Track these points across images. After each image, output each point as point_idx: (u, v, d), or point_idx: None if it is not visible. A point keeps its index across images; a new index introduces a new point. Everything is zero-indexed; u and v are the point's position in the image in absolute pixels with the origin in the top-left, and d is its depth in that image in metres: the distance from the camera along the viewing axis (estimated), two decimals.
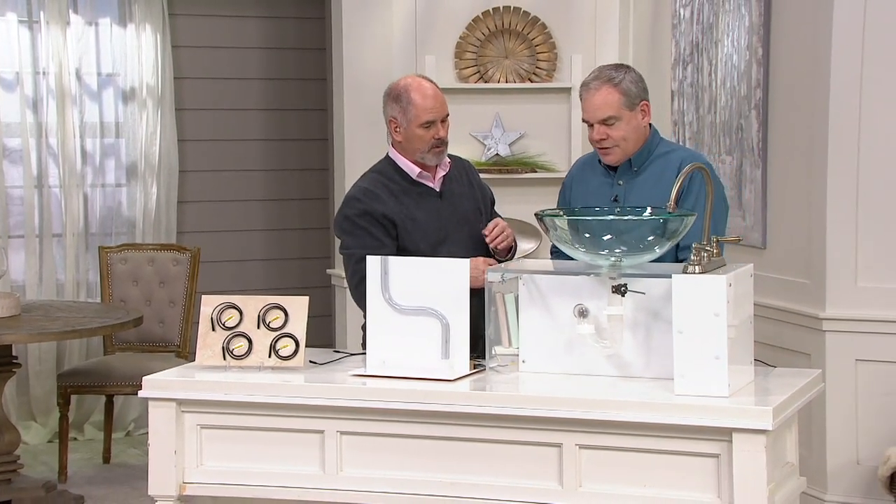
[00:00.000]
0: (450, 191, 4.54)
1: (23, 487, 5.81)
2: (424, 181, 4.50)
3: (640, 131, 4.31)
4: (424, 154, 4.46)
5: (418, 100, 4.41)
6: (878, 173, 5.25)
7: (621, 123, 4.26)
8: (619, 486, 3.60)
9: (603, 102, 4.25)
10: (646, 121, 4.32)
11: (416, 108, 4.41)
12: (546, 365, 3.87)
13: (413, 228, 4.43)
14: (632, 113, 4.27)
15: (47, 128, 7.30)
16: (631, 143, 4.29)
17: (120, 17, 7.41)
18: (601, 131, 4.27)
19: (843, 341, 5.30)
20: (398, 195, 4.45)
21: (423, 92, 4.43)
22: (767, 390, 3.70)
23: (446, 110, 4.47)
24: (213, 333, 4.03)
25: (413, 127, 4.42)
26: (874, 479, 5.20)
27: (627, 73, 4.30)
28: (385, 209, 4.42)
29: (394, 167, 4.51)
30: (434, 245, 4.41)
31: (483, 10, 6.87)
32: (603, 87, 4.26)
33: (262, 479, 3.90)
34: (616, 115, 4.25)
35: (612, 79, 4.27)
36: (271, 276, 7.90)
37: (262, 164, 7.88)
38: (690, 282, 3.57)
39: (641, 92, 4.31)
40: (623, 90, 4.25)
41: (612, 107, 4.25)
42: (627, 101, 4.26)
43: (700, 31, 6.17)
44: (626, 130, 4.27)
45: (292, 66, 7.88)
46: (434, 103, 4.42)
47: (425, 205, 4.48)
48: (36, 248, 7.30)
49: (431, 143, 4.44)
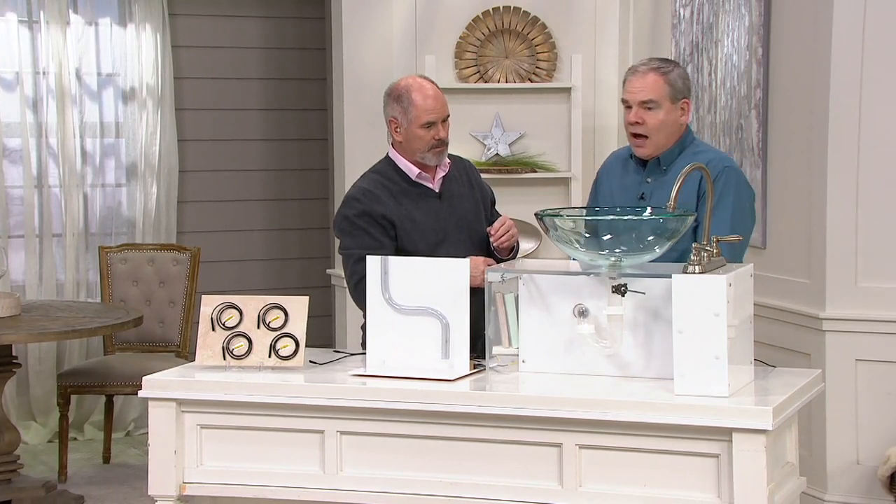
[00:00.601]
0: (449, 192, 4.54)
1: (23, 487, 5.81)
2: (423, 182, 4.50)
3: (675, 127, 4.29)
4: (424, 154, 4.46)
5: (419, 100, 4.41)
6: (878, 173, 5.26)
7: (660, 112, 4.25)
8: (619, 486, 3.60)
9: (647, 85, 4.25)
10: (683, 119, 4.31)
11: (416, 108, 4.41)
12: (546, 365, 3.87)
13: (412, 229, 4.43)
14: (672, 105, 4.26)
15: (47, 128, 7.30)
16: (664, 136, 4.27)
17: (120, 17, 7.41)
18: (638, 114, 4.26)
19: (843, 341, 5.31)
20: (397, 196, 4.45)
21: (423, 92, 4.43)
22: (767, 390, 3.70)
23: (447, 111, 4.47)
24: (213, 333, 4.03)
25: (414, 127, 4.42)
26: (874, 479, 5.20)
27: (676, 68, 4.32)
28: (384, 210, 4.42)
29: (393, 167, 4.51)
30: (433, 246, 4.41)
31: (483, 10, 6.87)
32: (650, 73, 4.27)
33: (262, 479, 3.90)
34: (657, 101, 4.24)
35: (660, 68, 4.28)
36: (271, 276, 7.90)
37: (262, 164, 7.88)
38: (690, 282, 3.57)
39: (685, 90, 4.30)
40: (669, 81, 4.25)
41: (655, 91, 4.24)
42: (671, 91, 4.25)
43: (700, 31, 6.17)
44: (662, 120, 4.25)
45: (292, 66, 7.88)
46: (435, 104, 4.42)
47: (424, 205, 4.48)
48: (36, 248, 7.30)
49: (432, 144, 4.43)
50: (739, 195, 4.23)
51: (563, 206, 6.26)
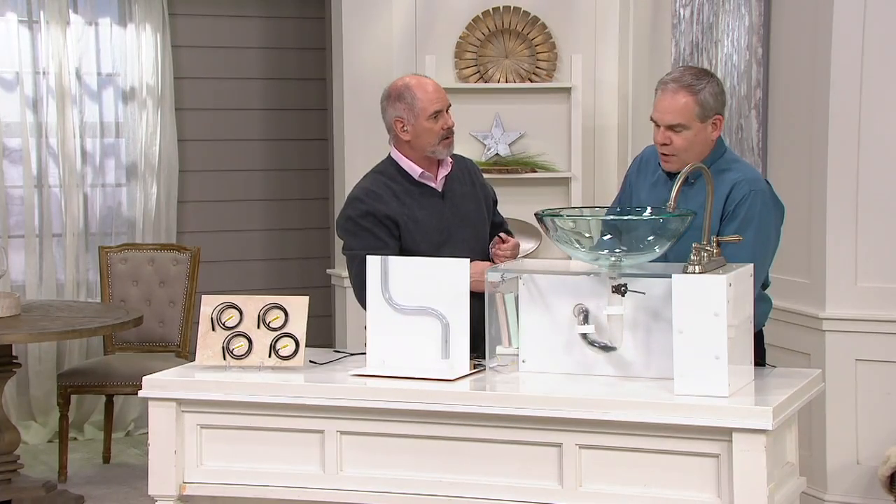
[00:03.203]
0: (452, 191, 4.54)
1: (23, 487, 5.81)
2: (426, 181, 4.49)
3: (705, 144, 4.08)
4: (435, 147, 4.45)
5: (422, 93, 4.43)
6: (878, 173, 5.26)
7: (689, 133, 4.04)
8: (619, 486, 3.60)
9: (675, 108, 4.02)
10: (715, 134, 4.10)
11: (421, 101, 4.42)
12: (546, 365, 3.87)
13: (415, 229, 4.42)
14: (702, 125, 4.05)
15: (47, 128, 7.30)
16: (692, 154, 4.05)
17: (120, 17, 7.41)
18: (665, 136, 4.06)
19: (843, 341, 5.31)
20: (400, 195, 4.44)
21: (424, 86, 4.46)
22: (767, 390, 3.70)
23: (449, 101, 4.50)
24: (213, 333, 4.03)
25: (422, 120, 4.42)
26: (874, 479, 5.20)
27: (709, 84, 4.05)
28: (387, 209, 4.41)
29: (395, 167, 4.50)
30: (436, 245, 4.41)
31: (483, 10, 6.87)
32: (680, 92, 4.02)
33: (262, 479, 3.90)
34: (685, 125, 4.03)
35: (692, 85, 4.02)
36: (271, 276, 7.90)
37: (262, 164, 7.88)
38: (690, 282, 3.58)
39: (719, 105, 4.07)
40: (700, 101, 4.02)
41: (683, 115, 4.02)
42: (701, 112, 4.03)
43: (700, 31, 6.17)
44: (691, 141, 4.04)
45: (292, 66, 7.88)
46: (437, 94, 4.45)
47: (427, 205, 4.47)
48: (36, 248, 7.30)
49: (441, 135, 4.44)
50: (764, 222, 4.06)
51: (563, 206, 6.26)
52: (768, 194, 4.14)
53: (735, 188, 4.05)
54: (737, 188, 4.04)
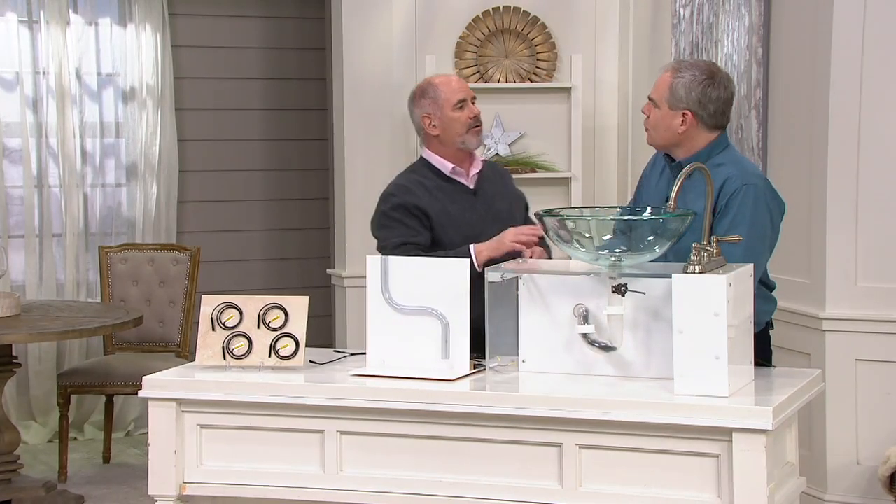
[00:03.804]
0: (483, 189, 4.60)
1: (23, 487, 5.82)
2: (458, 177, 4.57)
3: (669, 132, 4.15)
4: (464, 136, 4.53)
5: (444, 86, 4.54)
6: (878, 173, 5.26)
7: (658, 112, 4.16)
8: (619, 486, 3.60)
9: (657, 82, 4.18)
10: (682, 129, 4.13)
11: (444, 92, 4.52)
12: (546, 365, 3.87)
13: (448, 222, 4.48)
14: (670, 112, 4.13)
15: (47, 128, 7.30)
16: (658, 137, 4.18)
17: (120, 17, 7.41)
18: (647, 106, 4.21)
19: (843, 341, 5.31)
20: (432, 190, 4.51)
21: (446, 78, 4.61)
22: (767, 390, 3.70)
23: (473, 93, 4.59)
24: (213, 333, 4.03)
25: (447, 111, 4.51)
26: (874, 479, 5.20)
27: (690, 76, 4.11)
28: (419, 201, 4.47)
29: (427, 165, 4.58)
30: (470, 239, 4.44)
31: (483, 10, 6.87)
32: (668, 71, 4.18)
33: (262, 479, 3.90)
34: (656, 101, 4.16)
35: (677, 70, 4.16)
36: (271, 276, 7.90)
37: (262, 164, 7.88)
38: (690, 282, 3.57)
39: (690, 101, 4.10)
40: (672, 85, 4.12)
41: (658, 91, 4.15)
42: (670, 97, 4.13)
43: (700, 31, 6.18)
44: (657, 121, 4.16)
45: (292, 66, 7.88)
46: (460, 85, 4.58)
47: (459, 200, 4.54)
48: (36, 248, 7.30)
49: (468, 124, 4.53)
50: (757, 216, 4.07)
51: (563, 206, 6.26)
52: (762, 189, 4.13)
53: (727, 182, 4.06)
54: (729, 182, 4.06)
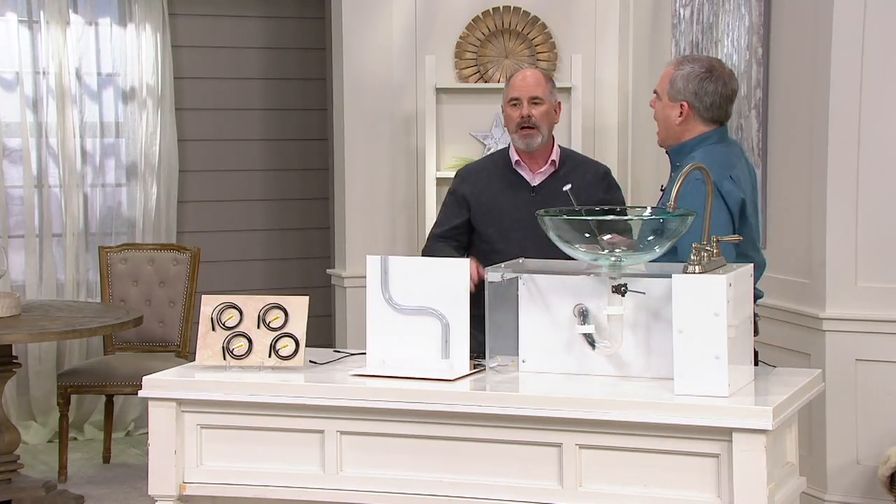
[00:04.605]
0: (550, 188, 4.70)
1: (23, 487, 5.82)
2: (520, 170, 4.72)
3: (667, 123, 4.26)
4: (513, 136, 4.69)
5: (513, 80, 4.71)
6: (878, 173, 5.26)
7: (660, 104, 4.26)
8: (619, 486, 3.60)
9: (662, 75, 4.28)
10: (679, 121, 4.22)
11: (509, 87, 4.70)
12: (546, 365, 3.87)
13: (483, 212, 4.66)
14: (670, 103, 4.23)
15: (47, 128, 7.30)
16: (662, 129, 4.28)
17: (120, 17, 7.42)
18: (653, 98, 4.30)
19: (843, 341, 5.31)
20: (492, 177, 4.70)
21: (522, 74, 4.74)
22: (767, 390, 3.70)
23: (536, 92, 4.66)
24: (213, 333, 4.03)
25: (505, 105, 4.69)
26: (874, 479, 5.20)
27: (690, 69, 4.21)
28: (464, 190, 4.76)
29: (506, 151, 4.78)
30: (504, 230, 4.62)
31: (483, 10, 6.87)
32: (671, 66, 4.28)
33: (262, 479, 3.90)
34: (659, 93, 4.26)
35: (679, 63, 4.26)
36: (271, 276, 7.90)
37: (262, 164, 7.88)
38: (690, 282, 3.57)
39: (687, 93, 4.20)
40: (673, 77, 4.23)
41: (661, 83, 4.26)
42: (671, 88, 4.22)
43: (700, 31, 6.18)
44: (658, 113, 4.27)
45: (292, 66, 7.88)
46: (523, 82, 4.67)
47: (513, 193, 4.70)
48: (36, 248, 7.30)
49: (518, 123, 4.66)
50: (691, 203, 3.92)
51: None
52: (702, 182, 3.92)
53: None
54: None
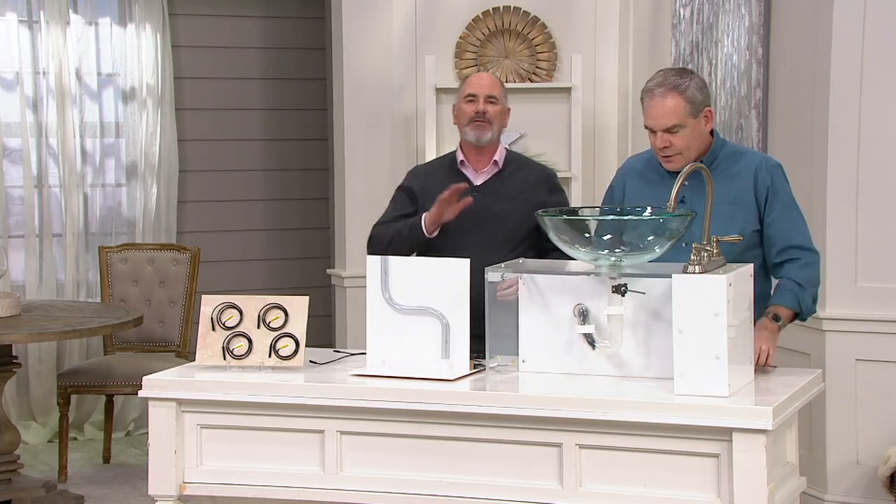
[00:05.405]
0: (494, 189, 4.71)
1: (23, 487, 5.81)
2: (464, 170, 4.75)
3: (702, 138, 4.16)
4: (465, 129, 4.73)
5: (470, 79, 4.82)
6: (878, 173, 5.26)
7: (685, 131, 4.10)
8: (619, 486, 3.60)
9: (668, 111, 4.07)
10: (708, 127, 4.17)
11: (465, 85, 4.79)
12: (546, 365, 3.87)
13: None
14: (696, 120, 4.10)
15: (47, 128, 7.30)
16: (693, 150, 4.13)
17: (120, 17, 7.41)
18: (664, 139, 4.10)
19: (843, 341, 5.31)
20: (438, 176, 4.74)
21: (477, 75, 4.89)
22: (767, 390, 3.70)
23: (493, 91, 4.74)
24: (213, 333, 4.03)
25: (461, 102, 4.75)
26: (874, 479, 5.20)
27: (692, 80, 4.12)
28: (413, 185, 4.80)
29: (452, 154, 4.84)
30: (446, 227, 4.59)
31: (483, 10, 6.87)
32: (668, 95, 4.07)
33: (262, 479, 3.90)
34: (681, 124, 4.08)
35: (677, 86, 4.08)
36: (271, 276, 7.90)
37: (262, 164, 7.88)
38: (690, 282, 3.58)
39: (706, 98, 4.14)
40: (689, 98, 4.08)
41: (677, 115, 4.07)
42: (692, 108, 4.09)
43: (700, 31, 6.18)
44: (689, 138, 4.11)
45: (292, 66, 7.88)
46: (480, 81, 4.79)
47: None
48: (36, 248, 7.30)
49: (471, 117, 4.71)
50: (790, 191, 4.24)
51: None
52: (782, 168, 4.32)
53: (759, 171, 4.19)
54: (761, 170, 4.19)
